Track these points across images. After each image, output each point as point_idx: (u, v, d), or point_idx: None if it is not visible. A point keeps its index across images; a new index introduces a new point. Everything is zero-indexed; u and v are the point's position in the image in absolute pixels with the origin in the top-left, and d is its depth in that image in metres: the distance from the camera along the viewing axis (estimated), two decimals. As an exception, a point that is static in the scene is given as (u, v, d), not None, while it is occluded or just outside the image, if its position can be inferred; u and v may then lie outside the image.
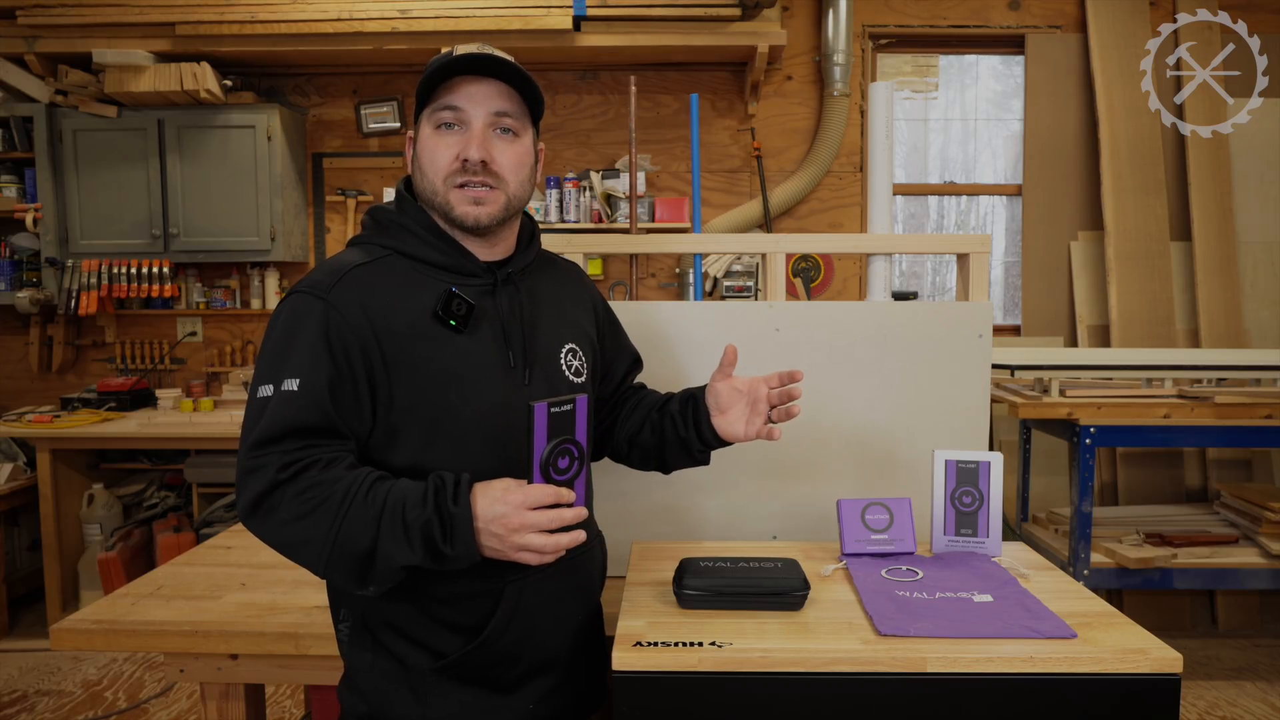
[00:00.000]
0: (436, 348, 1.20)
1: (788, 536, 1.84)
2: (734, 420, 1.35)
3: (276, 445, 1.12)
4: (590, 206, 4.06)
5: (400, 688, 1.23)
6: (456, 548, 1.10)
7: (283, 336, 1.17)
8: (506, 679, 1.25)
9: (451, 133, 1.23)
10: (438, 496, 1.12)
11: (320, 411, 1.14)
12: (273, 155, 3.97)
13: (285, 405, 1.13)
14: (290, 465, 1.12)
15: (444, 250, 1.25)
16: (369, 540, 1.10)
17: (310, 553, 1.12)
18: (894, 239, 1.96)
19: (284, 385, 1.14)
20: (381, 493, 1.12)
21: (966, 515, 1.45)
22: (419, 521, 1.10)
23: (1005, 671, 1.08)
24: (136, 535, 3.83)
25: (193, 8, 3.73)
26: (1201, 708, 3.07)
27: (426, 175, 1.24)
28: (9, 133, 4.01)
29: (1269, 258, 4.09)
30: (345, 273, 1.20)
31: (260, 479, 1.11)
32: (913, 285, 4.58)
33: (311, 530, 1.10)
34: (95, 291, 4.02)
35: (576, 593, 1.32)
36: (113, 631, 1.56)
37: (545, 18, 3.68)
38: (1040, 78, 4.18)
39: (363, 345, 1.17)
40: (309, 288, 1.19)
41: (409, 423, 1.20)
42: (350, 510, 1.10)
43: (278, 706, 3.06)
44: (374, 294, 1.20)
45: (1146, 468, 3.88)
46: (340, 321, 1.16)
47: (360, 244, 1.28)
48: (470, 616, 1.22)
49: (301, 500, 1.10)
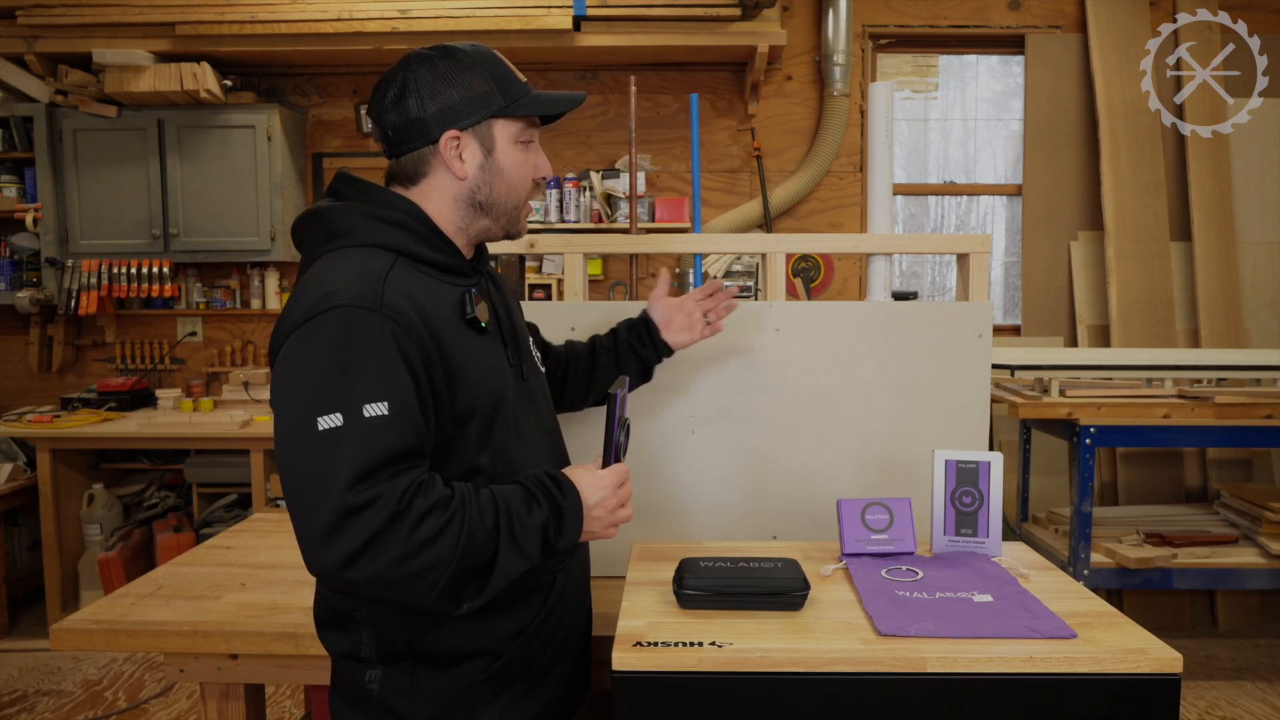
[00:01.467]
0: (475, 349, 1.19)
1: (788, 536, 1.84)
2: (678, 331, 1.58)
3: (378, 476, 1.03)
4: (590, 206, 4.06)
5: (448, 709, 1.19)
6: (566, 538, 1.16)
7: (339, 356, 1.05)
8: (538, 668, 1.26)
9: (526, 150, 1.26)
10: (546, 493, 1.15)
11: (415, 432, 1.07)
12: (273, 155, 3.97)
13: (378, 432, 1.04)
14: (404, 495, 1.04)
15: (449, 252, 1.22)
16: (489, 552, 1.09)
17: (428, 580, 1.05)
18: (894, 239, 1.96)
19: (366, 410, 1.04)
20: (488, 502, 1.11)
21: (966, 515, 1.45)
22: (538, 523, 1.13)
23: (1005, 671, 1.08)
24: (136, 535, 3.83)
25: (193, 8, 3.73)
26: (1201, 708, 3.07)
27: (515, 188, 1.25)
28: (9, 133, 4.01)
29: (1269, 258, 4.09)
30: (383, 279, 1.11)
31: (375, 516, 1.01)
32: (913, 285, 4.58)
33: (435, 556, 1.04)
34: (95, 291, 4.02)
35: (583, 568, 1.39)
36: (113, 631, 1.56)
37: (545, 18, 3.68)
38: (1040, 78, 4.18)
39: (425, 355, 1.11)
40: (356, 301, 1.07)
41: (465, 428, 1.17)
42: (471, 528, 1.07)
43: (278, 706, 3.06)
44: (414, 299, 1.13)
45: (1146, 468, 3.88)
46: (402, 332, 1.08)
47: (355, 247, 1.16)
48: (525, 616, 1.23)
49: (421, 529, 1.04)
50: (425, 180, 1.23)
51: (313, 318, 1.07)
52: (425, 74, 1.20)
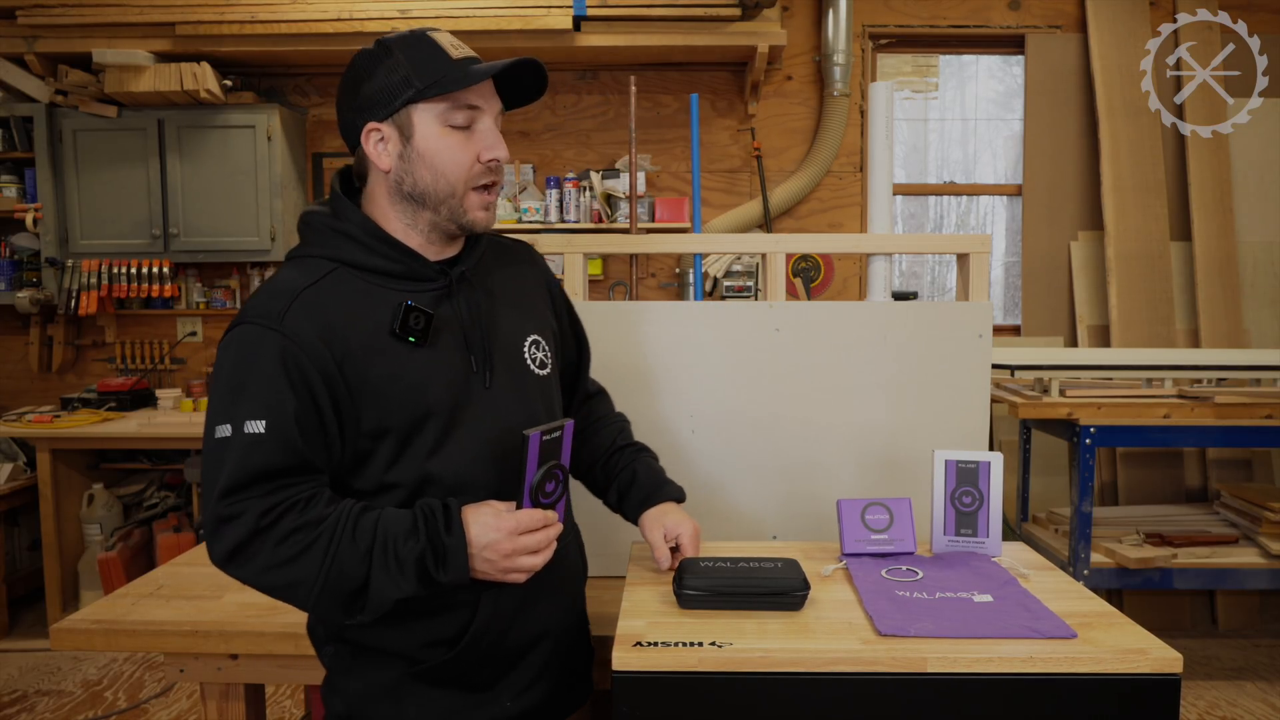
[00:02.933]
0: (399, 364, 1.16)
1: (788, 536, 1.84)
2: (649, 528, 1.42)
3: (248, 491, 1.08)
4: (590, 206, 4.06)
5: (376, 692, 1.24)
6: (450, 574, 1.11)
7: (236, 372, 1.10)
8: (480, 679, 1.25)
9: (463, 133, 1.18)
10: (429, 526, 1.11)
11: (291, 451, 1.09)
12: (273, 155, 3.97)
13: (252, 449, 1.08)
14: (269, 512, 1.08)
15: (393, 257, 1.19)
16: (361, 577, 1.09)
17: (299, 594, 1.10)
18: (894, 239, 1.96)
19: (246, 427, 1.08)
20: (368, 526, 1.10)
21: (966, 515, 1.45)
22: (412, 555, 1.10)
23: (1005, 671, 1.08)
24: (136, 535, 3.83)
25: (193, 8, 3.73)
26: (1201, 708, 3.07)
27: (445, 176, 1.17)
28: (9, 133, 4.01)
29: (1269, 258, 4.09)
30: (295, 296, 1.13)
31: (238, 529, 1.07)
32: (913, 285, 4.58)
33: (299, 573, 1.08)
34: (95, 291, 4.01)
35: (551, 592, 1.30)
36: (113, 631, 1.56)
37: (545, 18, 3.68)
38: (1040, 78, 4.18)
39: (324, 374, 1.11)
40: (257, 317, 1.11)
41: (379, 445, 1.16)
42: (339, 550, 1.08)
43: (278, 706, 3.06)
44: (327, 316, 1.13)
45: (1146, 468, 3.88)
46: (297, 352, 1.10)
47: (301, 258, 1.20)
48: (449, 627, 1.22)
49: (286, 545, 1.07)
50: (368, 181, 1.23)
51: (230, 330, 1.14)
52: (350, 72, 1.20)
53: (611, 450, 1.48)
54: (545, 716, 1.32)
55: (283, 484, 1.09)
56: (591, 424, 1.51)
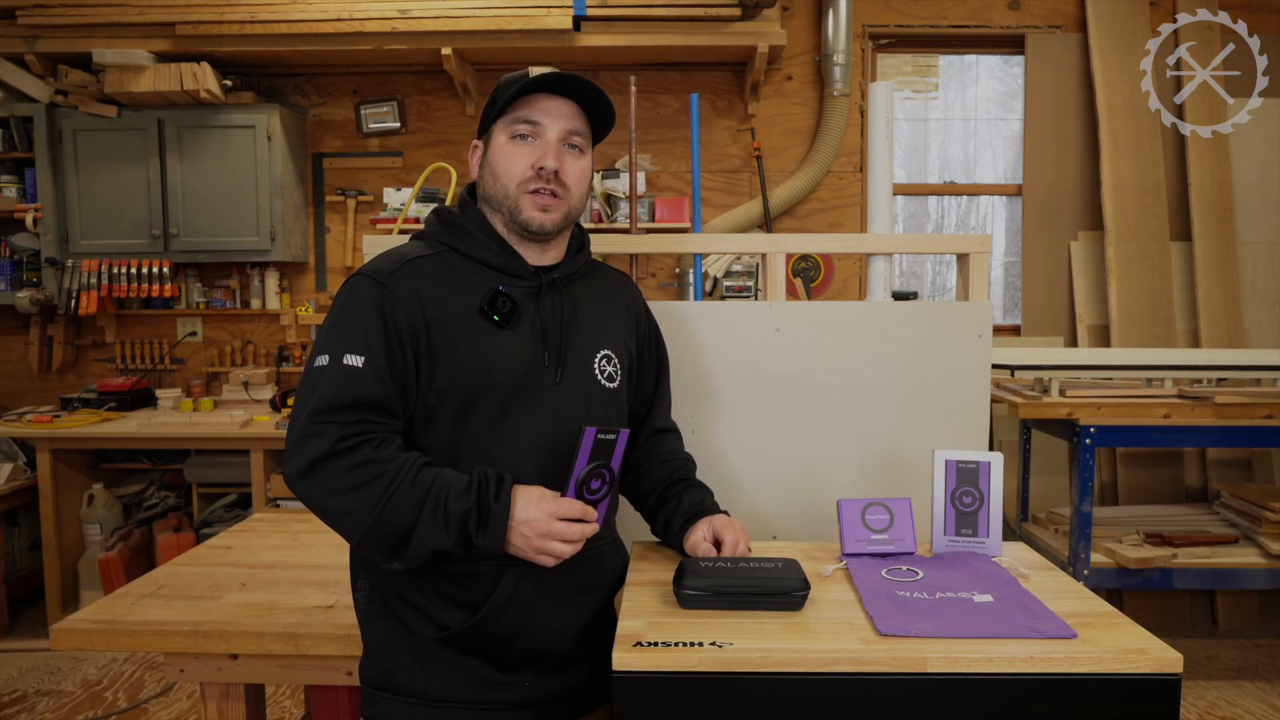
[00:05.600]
0: (480, 340, 1.29)
1: (788, 536, 1.84)
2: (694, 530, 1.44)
3: (337, 415, 1.20)
4: (590, 206, 4.06)
5: (406, 656, 1.31)
6: (487, 540, 1.21)
7: (342, 315, 1.27)
8: (504, 659, 1.31)
9: (526, 143, 1.33)
10: (481, 490, 1.21)
11: (382, 388, 1.23)
12: (273, 155, 3.97)
13: (348, 378, 1.21)
14: (349, 437, 1.19)
15: (496, 252, 1.35)
16: (410, 520, 1.19)
17: (351, 522, 1.19)
18: (894, 239, 1.96)
19: (345, 360, 1.22)
20: (428, 478, 1.21)
21: (966, 515, 1.45)
22: (459, 511, 1.20)
23: (1005, 671, 1.08)
24: (136, 535, 3.83)
25: (193, 8, 3.73)
26: (1201, 708, 3.07)
27: (500, 179, 1.33)
28: (9, 133, 4.01)
29: (1269, 258, 4.09)
30: (405, 262, 1.31)
31: (319, 444, 1.19)
32: (913, 285, 4.58)
33: (358, 502, 1.18)
34: (95, 291, 4.01)
35: (580, 590, 1.37)
36: (113, 631, 1.57)
37: (545, 18, 3.68)
38: (1040, 78, 4.18)
39: (412, 328, 1.26)
40: (371, 272, 1.29)
41: (445, 405, 1.28)
42: (398, 490, 1.18)
43: (278, 706, 3.06)
44: (428, 284, 1.29)
45: (1146, 468, 3.88)
46: (395, 304, 1.26)
47: (423, 239, 1.39)
48: (472, 594, 1.29)
49: (355, 472, 1.18)
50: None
51: (346, 282, 1.31)
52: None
53: (670, 482, 1.51)
54: (565, 708, 1.36)
55: (366, 417, 1.22)
56: (655, 455, 1.54)
